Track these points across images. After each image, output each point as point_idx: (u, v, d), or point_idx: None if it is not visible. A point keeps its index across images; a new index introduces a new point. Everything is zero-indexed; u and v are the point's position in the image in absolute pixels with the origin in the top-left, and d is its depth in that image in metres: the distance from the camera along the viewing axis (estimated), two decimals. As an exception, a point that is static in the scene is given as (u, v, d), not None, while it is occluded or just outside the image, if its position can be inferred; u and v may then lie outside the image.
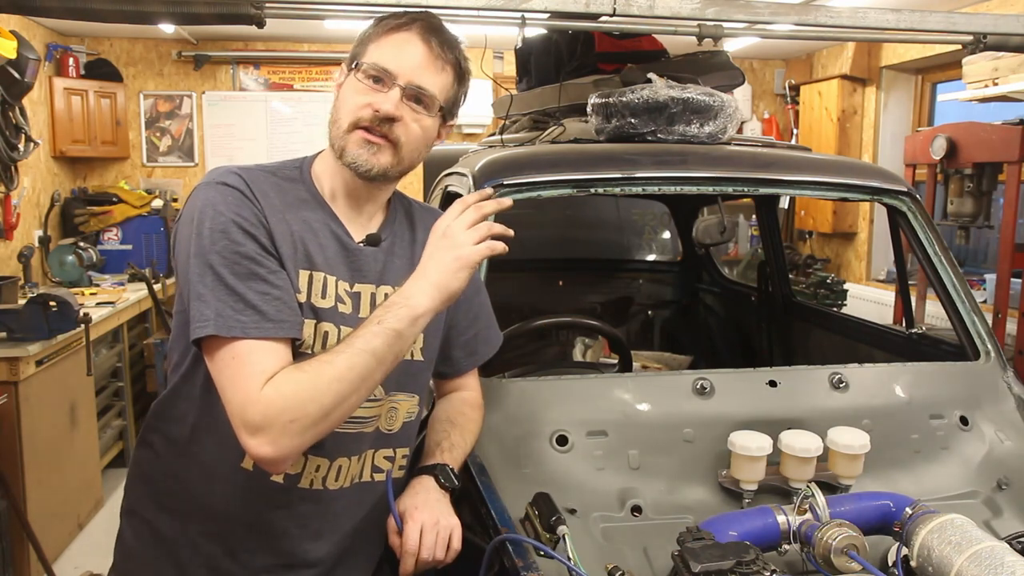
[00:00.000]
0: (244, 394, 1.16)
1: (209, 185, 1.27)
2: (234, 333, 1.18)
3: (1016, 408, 1.88)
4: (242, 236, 1.22)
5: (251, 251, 1.22)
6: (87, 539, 3.76)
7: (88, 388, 3.93)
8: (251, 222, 1.24)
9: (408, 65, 1.30)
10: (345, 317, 1.32)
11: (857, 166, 2.29)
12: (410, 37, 1.31)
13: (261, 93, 6.30)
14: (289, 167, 1.39)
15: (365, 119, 1.30)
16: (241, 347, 1.18)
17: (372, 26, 1.35)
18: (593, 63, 2.74)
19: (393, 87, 1.30)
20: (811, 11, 2.27)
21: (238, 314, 1.19)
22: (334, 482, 1.36)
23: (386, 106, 1.29)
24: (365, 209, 1.39)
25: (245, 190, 1.27)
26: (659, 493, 1.62)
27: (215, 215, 1.23)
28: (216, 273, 1.20)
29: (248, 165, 1.34)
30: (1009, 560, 1.20)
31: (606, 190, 1.98)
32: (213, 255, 1.21)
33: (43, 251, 5.10)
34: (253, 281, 1.21)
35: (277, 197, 1.30)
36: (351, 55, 1.35)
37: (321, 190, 1.37)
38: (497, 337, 1.63)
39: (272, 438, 1.15)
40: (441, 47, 1.32)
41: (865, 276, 6.03)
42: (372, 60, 1.30)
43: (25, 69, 3.78)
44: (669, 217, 3.85)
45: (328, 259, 1.32)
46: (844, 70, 5.99)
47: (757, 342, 3.21)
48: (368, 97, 1.30)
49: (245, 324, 1.19)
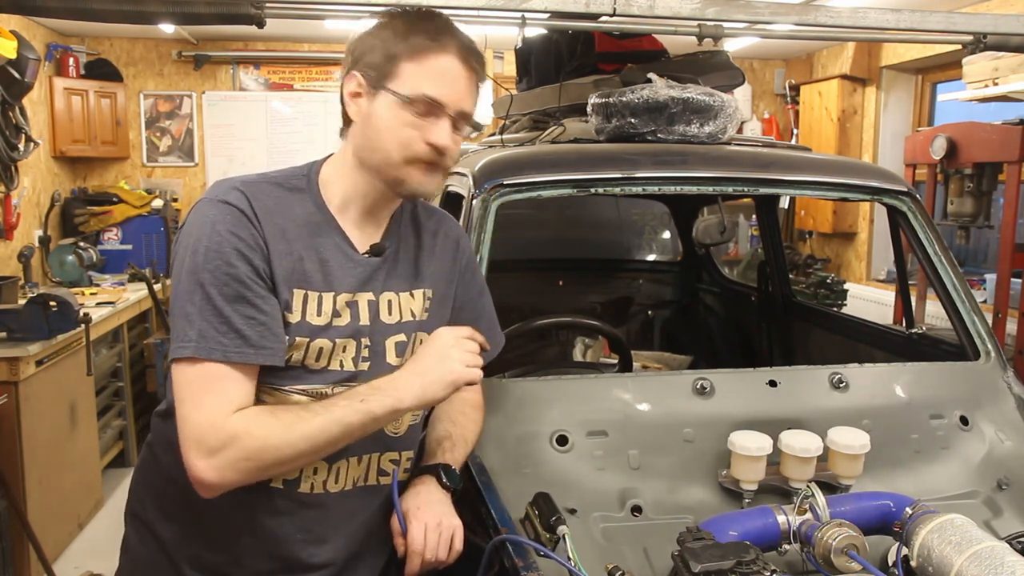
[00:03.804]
0: (209, 417, 1.18)
1: (210, 202, 1.26)
2: (214, 356, 1.19)
3: (1016, 408, 1.88)
4: (236, 258, 1.22)
5: (242, 274, 1.22)
6: (87, 539, 3.76)
7: (88, 388, 3.93)
8: (247, 243, 1.23)
9: (456, 95, 1.29)
10: (340, 330, 1.31)
11: (857, 166, 2.29)
12: (452, 63, 1.28)
13: (261, 93, 6.30)
14: (296, 176, 1.37)
15: (423, 154, 1.29)
16: (215, 370, 1.20)
17: (394, 36, 1.28)
18: (593, 63, 2.74)
19: (443, 116, 1.28)
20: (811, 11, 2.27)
21: (221, 336, 1.20)
22: (335, 485, 1.35)
23: (444, 140, 1.29)
24: (379, 216, 1.39)
25: (246, 209, 1.25)
26: (659, 493, 1.62)
27: (212, 234, 1.22)
28: (205, 293, 1.20)
29: (252, 177, 1.33)
30: (1009, 560, 1.20)
31: (606, 190, 1.98)
32: (205, 274, 1.21)
33: (43, 251, 5.10)
34: (240, 304, 1.21)
35: (280, 213, 1.29)
36: (374, 67, 1.28)
37: (328, 199, 1.35)
38: (499, 339, 1.63)
39: (220, 467, 1.18)
40: (478, 66, 1.32)
41: (865, 276, 6.03)
42: (420, 91, 1.26)
43: (25, 69, 3.78)
44: (669, 217, 3.85)
45: (328, 275, 1.31)
46: (844, 70, 5.99)
47: (757, 342, 3.21)
48: (420, 130, 1.27)
49: (227, 347, 1.20)
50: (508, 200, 1.93)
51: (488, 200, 1.91)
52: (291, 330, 1.27)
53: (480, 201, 1.91)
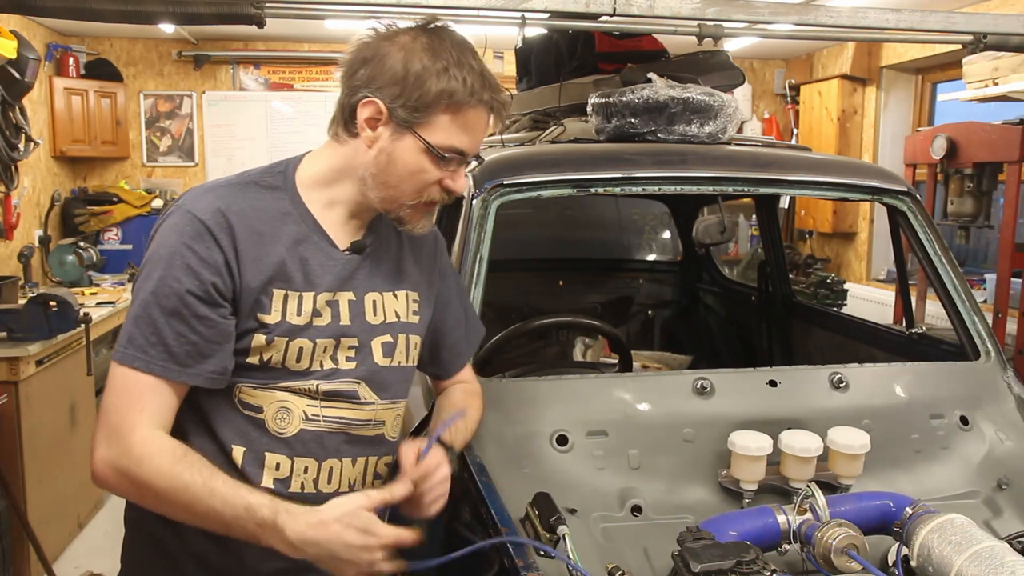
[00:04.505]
0: (123, 426, 1.20)
1: (180, 210, 1.25)
2: (136, 364, 1.20)
3: (1016, 408, 1.88)
4: (183, 272, 1.21)
5: (184, 289, 1.21)
6: (87, 539, 3.76)
7: (88, 388, 3.92)
8: (199, 258, 1.22)
9: (479, 143, 1.31)
10: (321, 329, 1.30)
11: (857, 166, 2.29)
12: (484, 118, 1.28)
13: (261, 93, 6.30)
14: (272, 173, 1.34)
15: (436, 198, 1.30)
16: (137, 379, 1.20)
17: (424, 74, 1.22)
18: (593, 63, 2.74)
19: (463, 163, 1.30)
20: (811, 11, 2.28)
21: (149, 347, 1.20)
22: (327, 485, 1.35)
23: (460, 187, 1.30)
24: (364, 218, 1.38)
25: (210, 221, 1.23)
26: (659, 493, 1.62)
27: (168, 243, 1.23)
28: (145, 301, 1.21)
29: (229, 180, 1.32)
30: (1009, 560, 1.20)
31: (606, 190, 1.98)
32: (151, 282, 1.21)
33: (43, 251, 5.10)
34: (175, 319, 1.21)
35: (255, 215, 1.27)
36: (403, 106, 1.23)
37: (311, 199, 1.33)
38: (481, 329, 1.65)
39: (109, 471, 1.20)
40: (499, 114, 1.31)
41: (865, 276, 6.03)
42: (451, 144, 1.26)
43: (25, 69, 3.78)
44: (669, 217, 3.86)
45: (308, 273, 1.30)
46: (844, 70, 5.99)
47: (757, 342, 3.21)
48: (438, 174, 1.28)
49: (151, 359, 1.20)
50: (508, 200, 1.93)
51: (488, 200, 1.91)
52: (269, 330, 1.26)
53: (480, 201, 1.91)
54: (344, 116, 1.30)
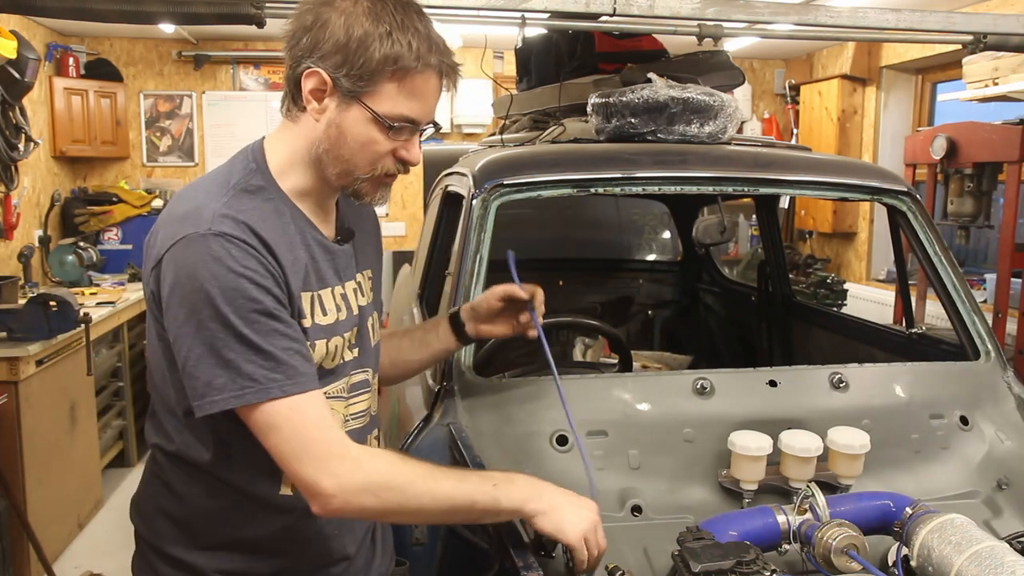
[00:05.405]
0: (332, 447, 1.16)
1: (205, 238, 1.14)
2: (272, 395, 1.14)
3: (1016, 408, 1.88)
4: (257, 291, 1.14)
5: (268, 307, 1.15)
6: (87, 539, 3.76)
7: (88, 388, 3.93)
8: (260, 273, 1.15)
9: (431, 111, 1.24)
10: (344, 324, 1.30)
11: (857, 166, 2.29)
12: (433, 83, 1.21)
13: (261, 93, 6.30)
14: (249, 173, 1.25)
15: (391, 170, 1.25)
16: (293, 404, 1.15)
17: (367, 40, 1.16)
18: (593, 63, 2.74)
19: (416, 133, 1.25)
20: (811, 11, 2.28)
21: (271, 372, 1.14)
22: None
23: (416, 158, 1.25)
24: (330, 204, 1.35)
25: (245, 235, 1.16)
26: (659, 493, 1.62)
27: (223, 273, 1.13)
28: (239, 334, 1.13)
29: (225, 196, 1.20)
30: (1009, 560, 1.20)
31: (606, 190, 1.98)
32: (233, 317, 1.12)
33: (43, 251, 5.10)
34: (276, 338, 1.15)
35: (265, 223, 1.20)
36: (346, 75, 1.17)
37: (289, 194, 1.28)
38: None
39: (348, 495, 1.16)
40: (451, 80, 1.26)
41: (865, 276, 6.03)
42: (399, 112, 1.19)
43: (25, 69, 3.79)
44: (669, 217, 3.86)
45: (319, 271, 1.28)
46: (844, 70, 5.99)
47: (757, 342, 3.21)
48: (389, 144, 1.22)
49: (283, 382, 1.14)
50: (508, 200, 1.93)
51: (488, 200, 1.91)
52: (308, 335, 1.23)
53: (480, 201, 1.91)
54: (291, 89, 1.23)
